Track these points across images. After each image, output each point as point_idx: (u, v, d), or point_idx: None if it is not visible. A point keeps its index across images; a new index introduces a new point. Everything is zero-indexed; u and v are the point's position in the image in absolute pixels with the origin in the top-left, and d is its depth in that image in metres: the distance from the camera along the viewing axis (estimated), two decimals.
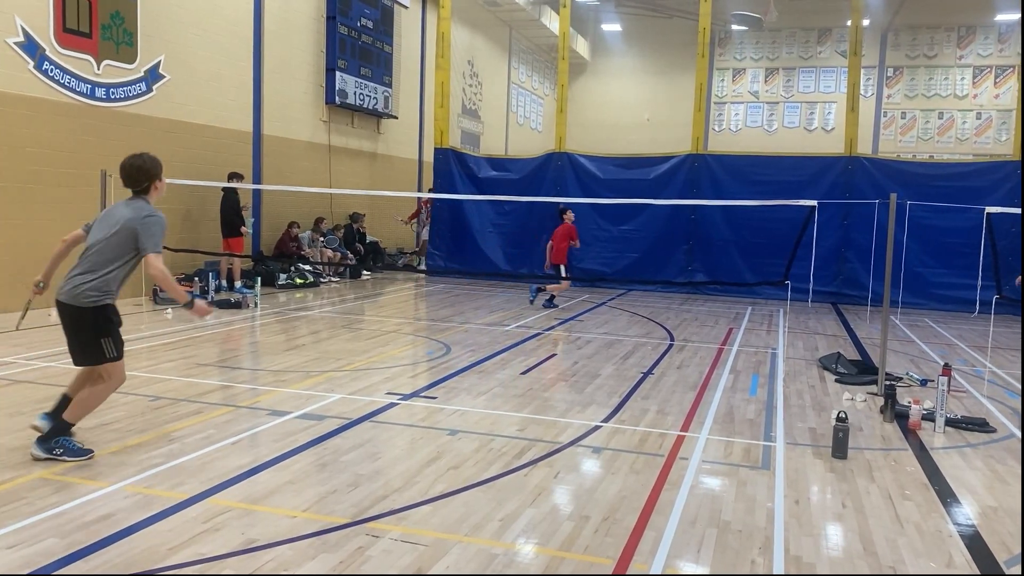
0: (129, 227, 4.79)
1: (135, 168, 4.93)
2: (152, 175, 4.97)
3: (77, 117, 11.20)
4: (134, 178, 4.94)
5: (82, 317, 4.78)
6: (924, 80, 27.31)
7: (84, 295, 4.74)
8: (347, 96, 17.15)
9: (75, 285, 4.77)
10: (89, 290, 4.75)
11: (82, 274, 4.78)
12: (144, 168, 4.94)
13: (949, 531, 4.36)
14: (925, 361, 9.55)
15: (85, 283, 4.75)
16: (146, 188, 4.97)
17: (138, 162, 4.94)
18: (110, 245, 4.80)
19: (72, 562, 3.60)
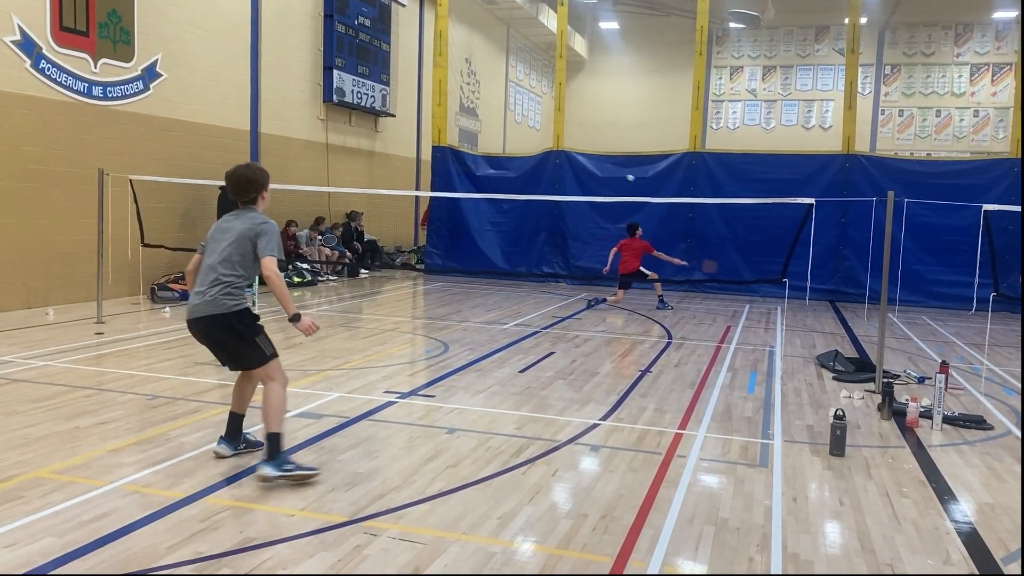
0: (246, 235, 4.78)
1: (244, 179, 4.94)
2: (260, 185, 4.97)
3: (74, 116, 11.18)
4: (243, 189, 4.94)
5: (228, 323, 4.76)
6: (921, 78, 27.33)
7: (221, 303, 4.72)
8: (345, 94, 17.14)
9: (211, 297, 4.73)
10: (225, 297, 4.74)
11: (211, 287, 4.75)
12: (253, 179, 4.95)
13: (946, 528, 4.37)
14: (923, 359, 9.56)
15: (220, 293, 4.74)
16: (254, 198, 4.96)
17: (248, 173, 4.96)
18: (232, 256, 4.78)
19: (70, 561, 3.59)
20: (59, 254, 11.05)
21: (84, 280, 11.10)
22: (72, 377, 7.07)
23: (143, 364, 7.71)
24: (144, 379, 7.08)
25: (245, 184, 4.94)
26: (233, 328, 4.76)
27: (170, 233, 12.56)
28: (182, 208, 13.15)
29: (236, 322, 4.76)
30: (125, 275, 11.63)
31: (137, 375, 7.22)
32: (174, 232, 12.78)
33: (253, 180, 4.96)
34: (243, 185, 4.94)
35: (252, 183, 4.95)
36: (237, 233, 4.79)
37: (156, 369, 7.51)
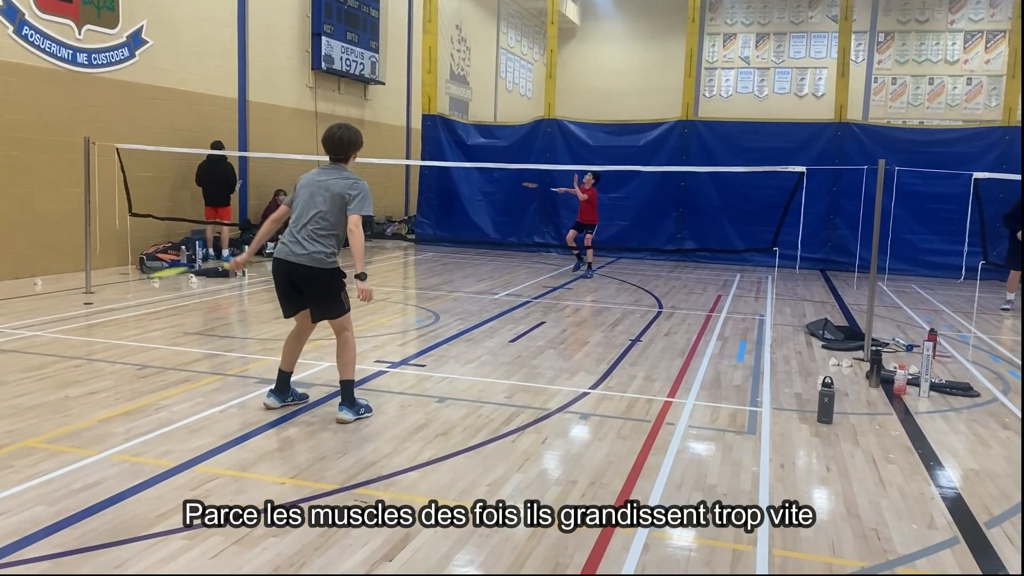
0: (341, 194, 5.16)
1: (344, 140, 5.31)
2: (356, 145, 5.36)
3: (59, 83, 11.03)
4: (342, 147, 5.31)
5: (325, 279, 5.19)
6: (915, 45, 27.15)
7: (321, 260, 5.14)
8: (333, 62, 16.94)
9: (314, 251, 5.13)
10: (329, 256, 5.18)
11: (315, 240, 5.15)
12: (352, 140, 5.32)
13: (931, 493, 4.42)
14: (911, 327, 9.61)
15: (324, 250, 5.16)
16: (346, 157, 5.34)
17: (348, 134, 5.32)
18: (332, 212, 5.17)
19: (60, 529, 3.61)
20: (46, 224, 10.96)
21: (72, 250, 11.02)
22: (61, 347, 7.05)
23: (133, 334, 7.69)
24: (134, 349, 7.06)
25: (346, 144, 5.32)
26: (328, 285, 5.21)
27: (158, 203, 12.46)
28: (170, 177, 13.03)
29: (332, 279, 5.21)
30: (113, 245, 11.55)
31: (127, 345, 7.21)
32: (162, 201, 12.68)
33: (352, 141, 5.35)
34: (343, 144, 5.32)
35: (351, 143, 5.34)
36: (334, 191, 5.16)
37: (146, 339, 7.49)
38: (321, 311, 5.32)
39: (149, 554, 3.40)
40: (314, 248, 5.14)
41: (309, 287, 5.22)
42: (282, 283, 5.29)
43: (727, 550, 3.64)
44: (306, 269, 5.15)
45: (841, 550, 3.69)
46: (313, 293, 5.25)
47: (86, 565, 3.30)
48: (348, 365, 5.32)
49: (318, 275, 5.17)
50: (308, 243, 5.14)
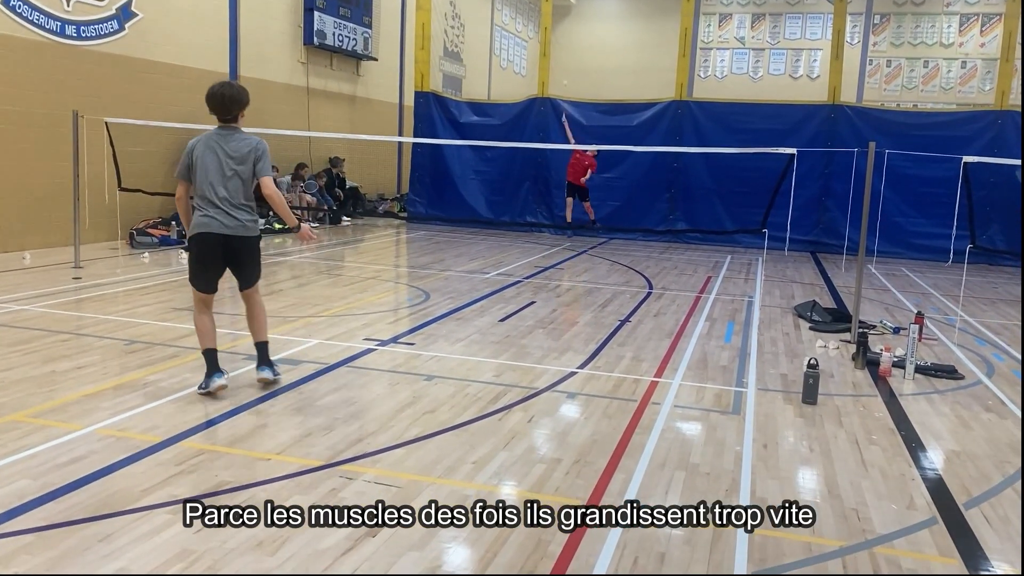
0: (248, 158, 5.09)
1: (228, 98, 5.07)
2: (244, 103, 5.14)
3: (47, 56, 10.91)
4: (227, 106, 5.08)
5: (254, 246, 5.24)
6: (911, 28, 27.06)
7: (252, 227, 5.20)
8: (325, 37, 16.80)
9: (240, 219, 5.11)
10: (252, 221, 5.20)
11: (237, 208, 5.11)
12: (237, 97, 5.09)
13: (912, 475, 4.47)
14: (899, 309, 9.66)
15: (247, 216, 5.16)
16: (236, 116, 5.14)
17: (231, 91, 5.09)
18: (244, 177, 5.12)
19: (45, 503, 3.62)
20: (35, 198, 10.89)
21: (61, 224, 10.96)
22: (49, 321, 7.03)
23: (121, 309, 7.68)
24: (122, 324, 7.05)
25: (229, 102, 5.05)
26: (255, 249, 5.25)
27: (148, 178, 12.37)
28: (160, 152, 12.93)
29: (257, 244, 5.26)
30: (103, 220, 11.49)
31: (115, 320, 7.19)
32: (152, 177, 12.59)
33: (237, 98, 5.08)
34: (227, 103, 5.05)
35: (236, 101, 5.08)
36: (242, 155, 5.05)
37: (134, 314, 7.48)
38: (250, 278, 5.32)
39: (134, 528, 3.42)
40: (244, 216, 5.13)
41: (242, 256, 5.22)
42: (213, 257, 5.18)
43: (708, 528, 3.67)
44: (242, 239, 5.15)
45: (821, 529, 3.73)
46: (245, 261, 5.25)
47: (71, 538, 3.31)
48: (264, 325, 5.42)
49: (251, 243, 5.22)
50: (237, 212, 5.09)
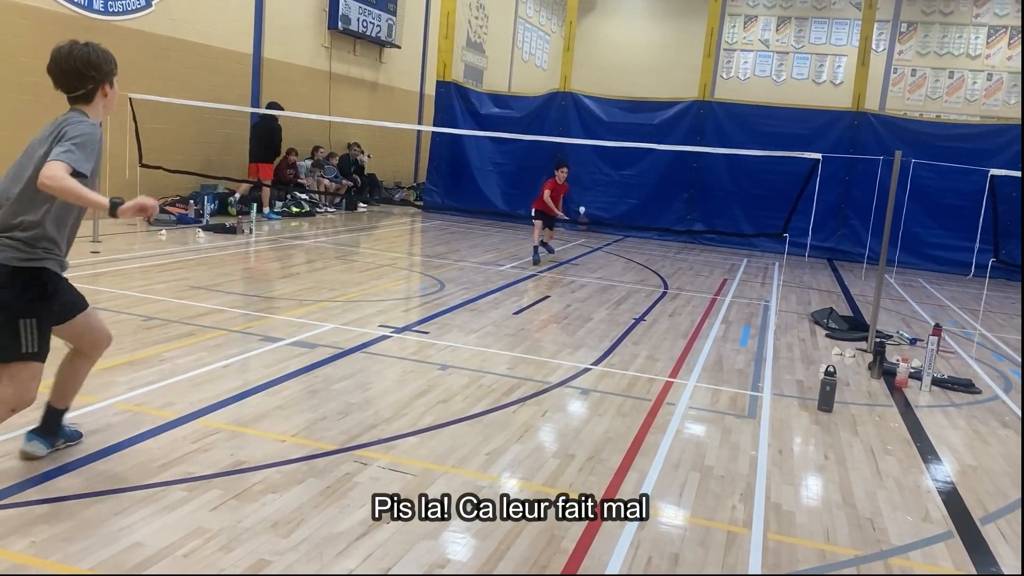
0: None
1: (73, 61, 3.51)
2: (101, 74, 3.58)
3: (74, 29, 10.89)
4: (69, 77, 3.53)
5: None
6: (938, 37, 26.83)
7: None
8: (350, 22, 16.79)
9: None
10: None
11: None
12: (91, 61, 3.53)
13: (927, 487, 4.44)
14: (916, 321, 9.59)
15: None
16: (88, 93, 3.55)
17: (81, 52, 3.53)
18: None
19: (61, 475, 3.63)
20: None
21: None
22: None
23: (138, 285, 7.70)
24: (139, 300, 7.07)
25: (73, 69, 3.44)
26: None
27: (169, 155, 12.39)
28: (181, 130, 12.96)
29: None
30: (122, 195, 11.46)
31: (132, 296, 7.21)
32: (173, 154, 12.61)
33: (91, 62, 3.46)
34: (70, 71, 3.44)
35: (82, 70, 3.45)
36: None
37: (151, 291, 7.49)
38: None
39: (149, 503, 3.43)
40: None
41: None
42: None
43: (722, 531, 3.66)
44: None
45: (835, 537, 3.71)
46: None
47: (87, 511, 3.32)
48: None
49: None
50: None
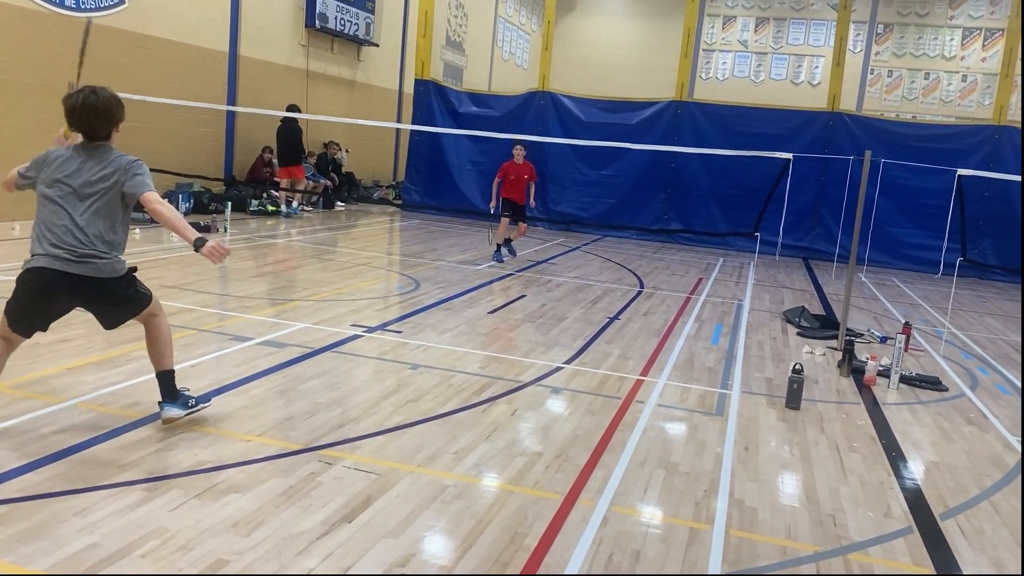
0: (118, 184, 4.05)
1: (93, 111, 4.01)
2: (116, 118, 4.09)
3: (45, 26, 10.82)
4: (92, 124, 4.03)
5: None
6: (913, 39, 27.11)
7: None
8: (328, 20, 16.72)
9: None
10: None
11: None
12: (105, 111, 4.03)
13: (891, 483, 4.48)
14: (888, 319, 9.69)
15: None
16: (108, 135, 4.08)
17: (97, 102, 4.01)
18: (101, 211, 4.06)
19: (23, 474, 3.60)
20: None
21: None
22: None
23: None
24: None
25: (96, 119, 3.96)
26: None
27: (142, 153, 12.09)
28: (155, 129, 12.85)
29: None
30: None
31: None
32: (146, 153, 12.41)
33: (107, 112, 3.98)
34: (94, 120, 3.96)
35: (107, 116, 3.98)
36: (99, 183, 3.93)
37: None
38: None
39: (110, 503, 3.40)
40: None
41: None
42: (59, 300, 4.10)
43: (684, 528, 3.68)
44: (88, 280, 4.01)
45: (797, 534, 3.74)
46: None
47: (46, 511, 3.29)
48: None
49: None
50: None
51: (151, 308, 4.30)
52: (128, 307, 4.22)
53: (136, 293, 4.22)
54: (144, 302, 4.25)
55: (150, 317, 4.31)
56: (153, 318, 4.32)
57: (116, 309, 4.21)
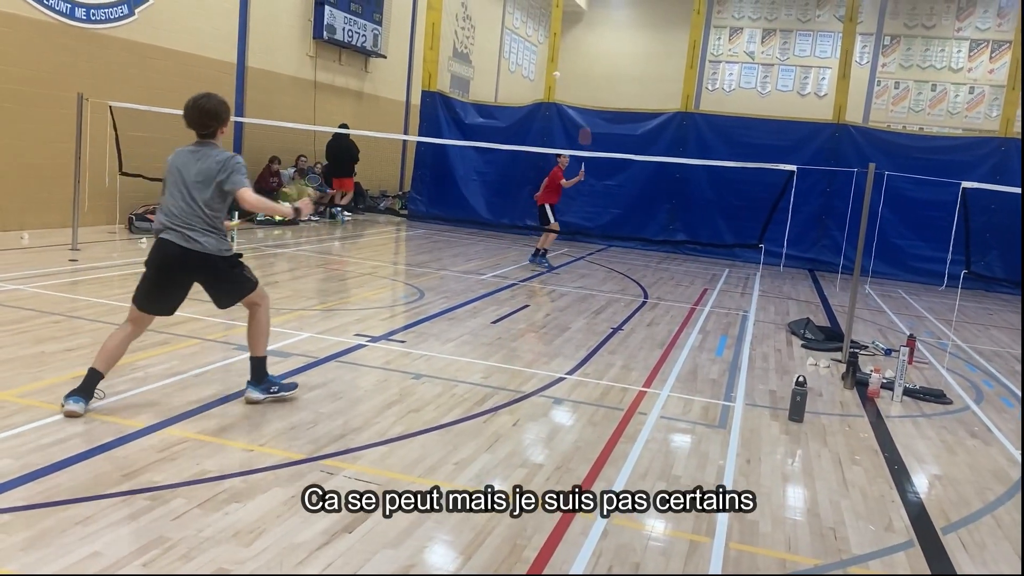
0: (213, 177, 4.64)
1: (205, 111, 4.67)
2: (223, 119, 4.75)
3: (56, 37, 10.93)
4: (203, 122, 4.69)
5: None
6: (920, 51, 27.11)
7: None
8: (335, 32, 16.82)
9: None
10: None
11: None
12: (215, 112, 4.70)
13: (892, 497, 4.47)
14: (893, 331, 9.67)
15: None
16: (214, 132, 4.73)
17: (209, 104, 4.68)
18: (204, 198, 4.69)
19: (26, 483, 3.62)
20: (36, 178, 10.89)
21: (60, 206, 10.96)
22: (42, 302, 7.04)
23: (116, 293, 7.67)
24: (115, 308, 7.05)
25: (211, 117, 4.66)
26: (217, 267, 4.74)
27: (149, 163, 12.33)
28: (162, 138, 12.90)
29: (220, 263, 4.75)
30: (102, 203, 11.49)
31: (108, 304, 7.20)
32: (154, 162, 12.54)
33: (215, 113, 4.68)
34: (204, 118, 4.65)
35: (215, 116, 4.68)
36: (204, 175, 4.60)
37: (128, 299, 7.40)
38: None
39: (112, 512, 3.42)
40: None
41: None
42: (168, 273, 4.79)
43: (684, 540, 3.68)
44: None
45: (797, 547, 3.74)
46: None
47: (48, 519, 3.31)
48: (260, 339, 4.99)
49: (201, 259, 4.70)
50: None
51: (254, 296, 4.87)
52: (233, 287, 4.83)
53: (241, 276, 4.84)
54: (248, 287, 4.85)
55: (253, 305, 4.90)
56: (256, 307, 4.91)
57: (223, 286, 4.82)
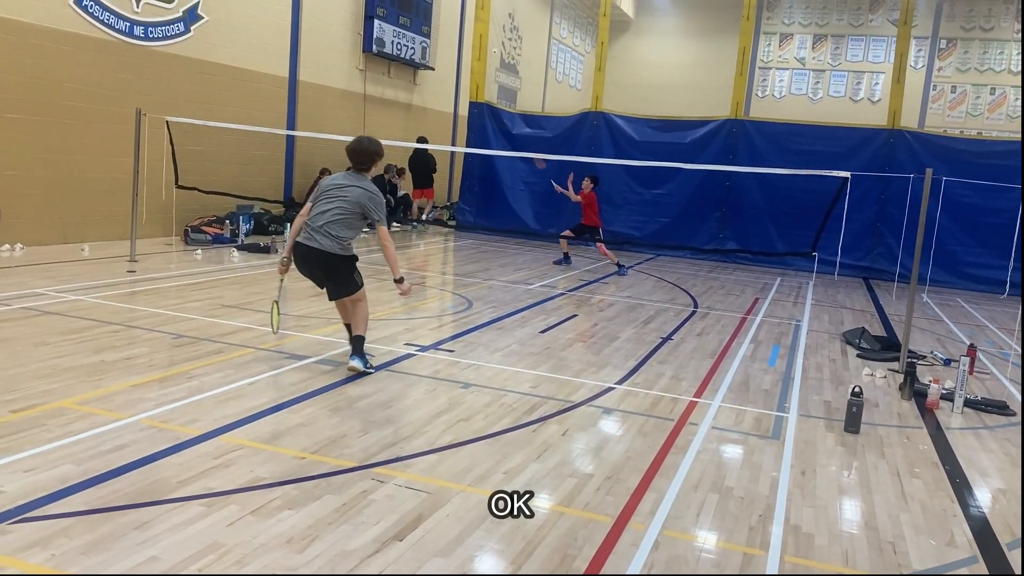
0: (360, 201, 5.91)
1: (367, 152, 6.01)
2: (378, 157, 6.07)
3: (115, 54, 11.26)
4: (364, 159, 6.01)
5: (344, 262, 6.02)
6: (978, 53, 26.44)
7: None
8: (384, 45, 17.04)
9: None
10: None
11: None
12: (374, 152, 6.04)
13: (954, 511, 4.34)
14: (952, 341, 9.41)
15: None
16: (368, 167, 6.01)
17: (372, 147, 6.03)
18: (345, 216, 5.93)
19: (85, 488, 3.71)
20: (95, 192, 11.22)
21: (119, 218, 11.27)
22: (102, 312, 7.24)
23: (172, 304, 7.86)
24: (171, 318, 7.22)
25: (367, 156, 6.02)
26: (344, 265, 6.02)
27: (204, 176, 12.65)
28: (217, 152, 13.24)
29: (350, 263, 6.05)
30: (159, 215, 11.79)
31: (165, 314, 7.37)
32: (208, 175, 12.87)
33: (374, 153, 6.05)
34: (365, 156, 6.01)
35: (373, 155, 6.03)
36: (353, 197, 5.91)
37: (184, 309, 7.64)
38: (335, 291, 6.13)
39: (169, 517, 3.49)
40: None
41: (322, 268, 6.05)
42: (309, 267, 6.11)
43: (738, 553, 3.62)
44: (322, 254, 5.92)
45: (855, 561, 3.65)
46: (325, 274, 6.10)
47: (108, 524, 3.39)
48: (361, 324, 6.09)
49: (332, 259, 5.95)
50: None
51: (358, 295, 6.06)
52: (342, 283, 6.04)
53: (350, 277, 6.03)
54: (353, 287, 6.04)
55: (356, 302, 6.07)
56: (358, 303, 6.07)
57: (334, 280, 6.06)
